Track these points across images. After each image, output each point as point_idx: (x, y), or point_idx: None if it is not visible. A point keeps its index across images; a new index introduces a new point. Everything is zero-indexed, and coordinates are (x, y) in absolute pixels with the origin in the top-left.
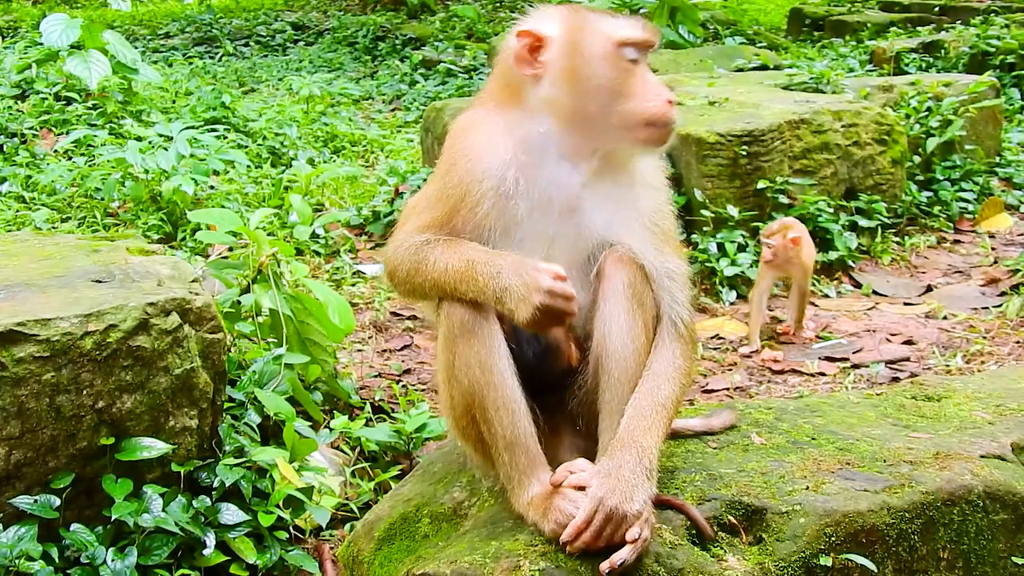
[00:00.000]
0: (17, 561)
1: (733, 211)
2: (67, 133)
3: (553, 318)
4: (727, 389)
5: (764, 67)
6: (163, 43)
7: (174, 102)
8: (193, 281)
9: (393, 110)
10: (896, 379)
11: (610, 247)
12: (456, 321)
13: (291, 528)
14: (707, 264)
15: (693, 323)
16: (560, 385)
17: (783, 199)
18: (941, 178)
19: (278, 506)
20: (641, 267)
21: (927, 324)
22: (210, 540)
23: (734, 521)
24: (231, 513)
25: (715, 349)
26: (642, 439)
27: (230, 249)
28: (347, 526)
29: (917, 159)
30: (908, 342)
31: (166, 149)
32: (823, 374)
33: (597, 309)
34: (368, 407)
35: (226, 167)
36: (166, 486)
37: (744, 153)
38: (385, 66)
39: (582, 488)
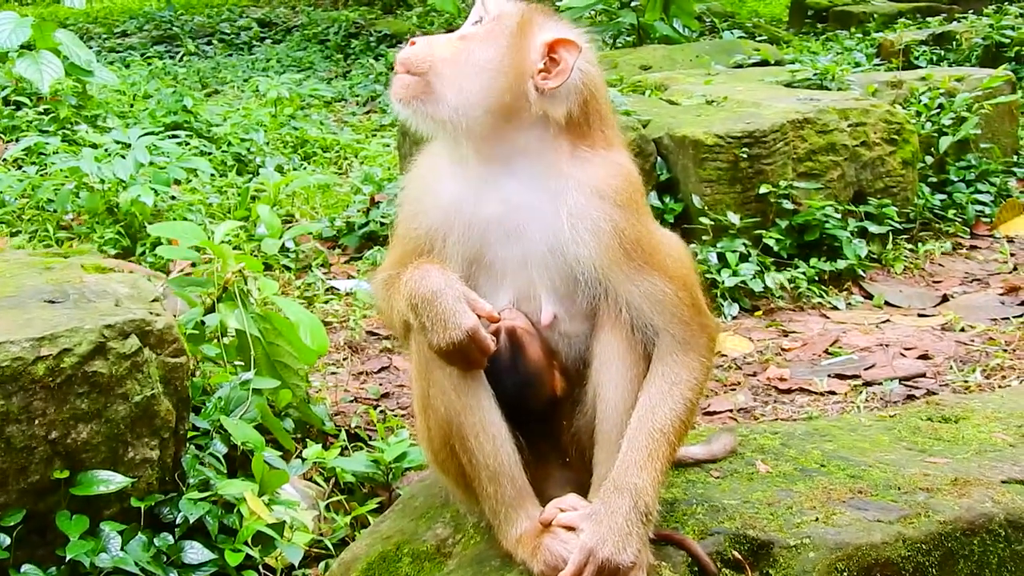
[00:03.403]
0: None
1: (734, 218)
2: (17, 140)
3: (464, 359)
4: (730, 411)
5: (765, 63)
6: (120, 42)
7: (132, 106)
8: (153, 300)
9: (368, 112)
10: (911, 397)
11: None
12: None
13: (260, 567)
14: (707, 275)
15: (701, 323)
16: (544, 415)
17: (787, 204)
18: (955, 179)
19: (247, 543)
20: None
21: (943, 337)
22: None
23: (739, 556)
24: (195, 551)
25: (718, 367)
26: (636, 479)
27: (193, 265)
28: (321, 565)
29: (929, 159)
30: (923, 357)
31: (123, 157)
32: (833, 392)
33: (594, 336)
34: (343, 435)
35: (188, 176)
36: (125, 523)
37: (745, 156)
38: (359, 65)
39: (573, 528)
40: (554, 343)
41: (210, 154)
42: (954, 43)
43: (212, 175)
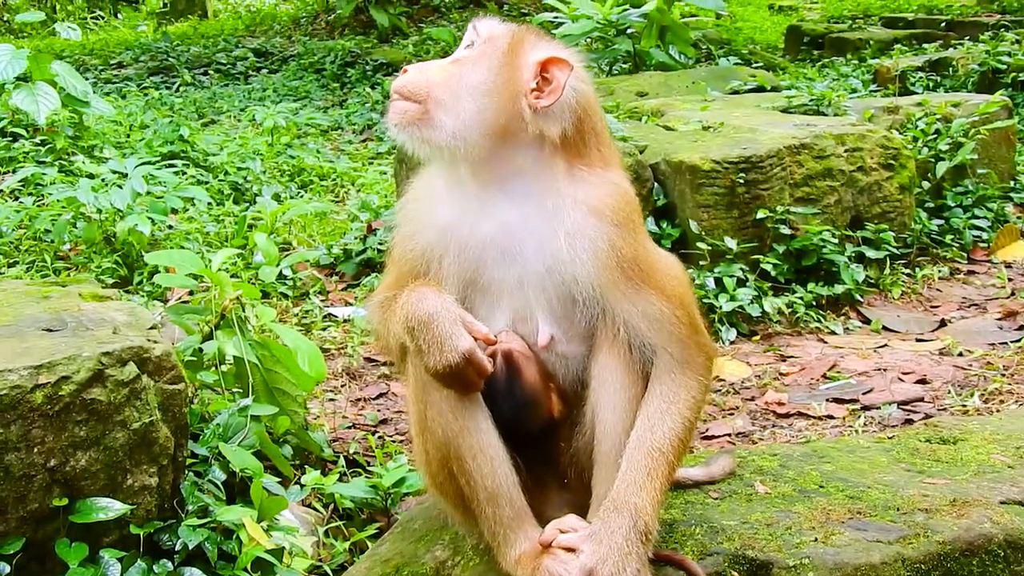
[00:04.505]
0: None
1: (731, 243)
2: (14, 171)
3: (461, 382)
4: (728, 435)
5: (761, 89)
6: (116, 73)
7: (128, 136)
8: (151, 328)
9: (364, 141)
10: (909, 421)
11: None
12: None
13: None
14: (705, 300)
15: (698, 343)
16: (542, 437)
17: (784, 229)
18: (952, 205)
19: (246, 570)
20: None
21: (941, 361)
22: None
23: None
24: None
25: (716, 392)
26: (636, 498)
27: (191, 293)
28: None
29: (926, 185)
30: (921, 381)
31: (120, 187)
32: (831, 417)
33: (592, 357)
34: (342, 461)
35: (185, 205)
36: (124, 550)
37: (742, 181)
38: (355, 94)
39: (573, 549)
40: (551, 365)
41: (207, 183)
42: (950, 69)
43: (209, 204)
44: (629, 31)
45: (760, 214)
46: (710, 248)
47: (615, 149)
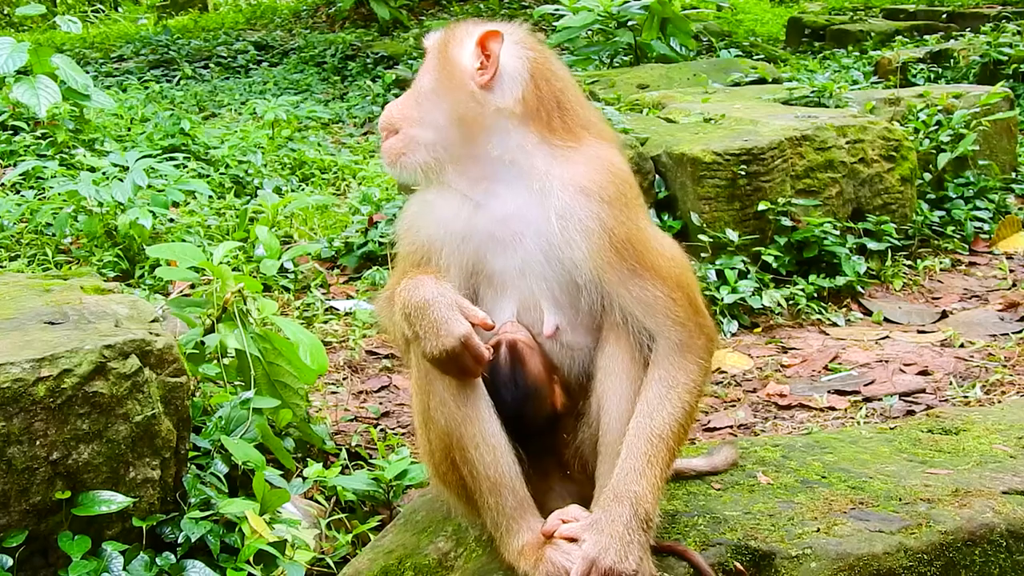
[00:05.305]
0: None
1: (732, 235)
2: (14, 165)
3: (458, 367)
4: (730, 427)
5: (762, 81)
6: (117, 67)
7: (129, 129)
8: (153, 321)
9: (365, 134)
10: (911, 412)
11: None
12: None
13: None
14: (706, 293)
15: (698, 323)
16: (545, 430)
17: (786, 221)
18: (954, 196)
19: (248, 562)
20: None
21: (943, 353)
22: None
23: (741, 567)
24: (197, 570)
25: (717, 384)
26: (636, 486)
27: (192, 286)
28: None
29: (928, 176)
30: (923, 373)
31: (121, 180)
32: (833, 408)
33: (598, 348)
34: (344, 453)
35: (186, 198)
36: (127, 543)
37: (743, 173)
38: (356, 87)
39: (575, 539)
40: (557, 356)
41: (208, 176)
42: (951, 61)
43: (210, 197)
44: (630, 23)
45: (761, 206)
46: (712, 240)
47: (598, 117)
